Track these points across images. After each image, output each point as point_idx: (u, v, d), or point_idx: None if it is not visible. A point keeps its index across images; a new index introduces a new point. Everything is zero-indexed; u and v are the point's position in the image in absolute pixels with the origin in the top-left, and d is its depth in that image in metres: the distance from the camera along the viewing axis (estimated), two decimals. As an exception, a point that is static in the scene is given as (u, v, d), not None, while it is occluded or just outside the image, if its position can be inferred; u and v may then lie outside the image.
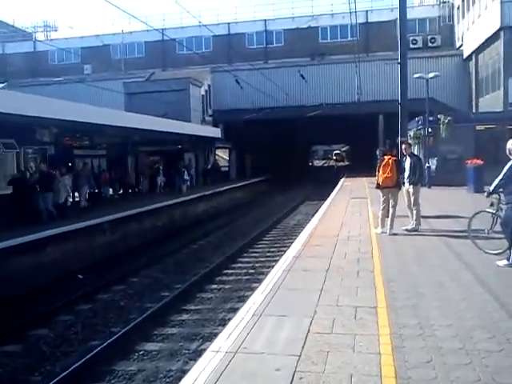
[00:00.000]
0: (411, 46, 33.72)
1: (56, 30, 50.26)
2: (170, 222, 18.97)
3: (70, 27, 71.87)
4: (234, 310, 7.48)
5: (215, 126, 33.63)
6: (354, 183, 26.39)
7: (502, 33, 24.62)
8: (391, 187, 10.37)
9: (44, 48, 41.56)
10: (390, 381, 3.73)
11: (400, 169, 10.51)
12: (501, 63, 24.83)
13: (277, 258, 10.62)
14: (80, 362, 6.74)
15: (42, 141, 16.41)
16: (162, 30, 37.76)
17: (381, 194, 10.67)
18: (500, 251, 7.53)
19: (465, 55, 32.45)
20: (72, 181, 17.03)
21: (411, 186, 10.63)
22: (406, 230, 10.39)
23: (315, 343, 4.51)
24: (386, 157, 10.50)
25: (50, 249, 12.02)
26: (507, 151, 7.24)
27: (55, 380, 6.29)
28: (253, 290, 7.67)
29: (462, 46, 33.52)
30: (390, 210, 10.31)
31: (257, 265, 12.61)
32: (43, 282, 10.88)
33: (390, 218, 10.22)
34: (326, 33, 41.24)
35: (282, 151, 48.34)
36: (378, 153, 13.63)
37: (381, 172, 10.39)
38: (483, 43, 27.69)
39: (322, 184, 34.66)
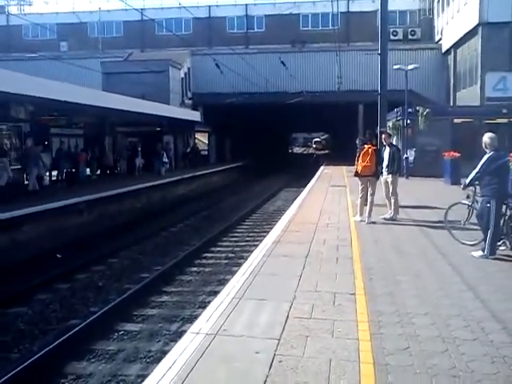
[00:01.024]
0: (391, 37, 33.87)
1: (30, 5, 48.74)
2: (149, 204, 18.80)
3: (45, 2, 69.59)
4: (214, 293, 7.47)
5: (194, 109, 33.32)
6: (333, 171, 26.57)
7: (480, 28, 24.90)
8: (370, 176, 10.48)
9: (18, 22, 40.24)
10: (367, 367, 3.79)
11: (379, 158, 10.62)
12: (478, 58, 25.14)
13: (256, 243, 10.64)
14: (59, 341, 6.66)
15: (17, 118, 15.97)
16: (142, 9, 37.09)
17: (359, 183, 10.77)
18: (475, 242, 7.70)
19: (444, 49, 32.77)
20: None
21: (390, 176, 10.78)
22: (384, 218, 10.54)
23: (294, 327, 4.55)
24: (365, 146, 10.59)
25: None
26: (483, 145, 7.38)
27: (34, 357, 6.21)
28: (232, 273, 7.67)
29: (441, 39, 33.83)
30: (369, 199, 10.42)
31: (236, 249, 12.61)
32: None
33: (368, 207, 10.34)
34: (308, 20, 41.14)
35: (261, 137, 48.33)
36: (357, 142, 13.75)
37: (360, 161, 10.48)
38: (462, 38, 27.98)
39: (302, 171, 34.82)
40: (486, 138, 7.31)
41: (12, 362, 6.41)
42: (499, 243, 7.36)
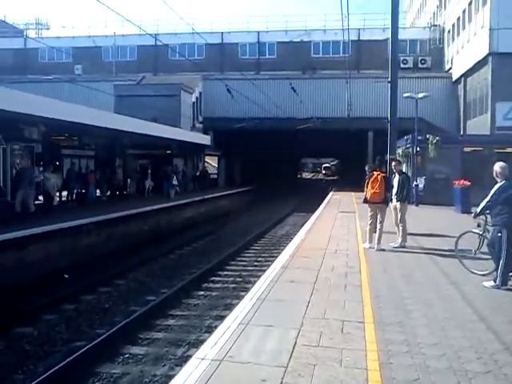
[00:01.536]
0: (402, 65, 34.16)
1: (48, 29, 49.95)
2: (158, 226, 18.81)
3: (62, 26, 71.47)
4: (221, 318, 7.40)
5: (205, 132, 33.61)
6: (342, 197, 26.51)
7: (490, 58, 25.11)
8: (379, 203, 10.44)
9: (35, 45, 41.17)
10: (377, 397, 3.70)
11: (388, 185, 10.59)
12: (488, 88, 25.27)
13: (264, 268, 10.56)
14: (64, 363, 6.60)
15: (30, 138, 16.19)
16: (156, 34, 37.75)
17: (369, 209, 10.72)
18: (486, 272, 7.58)
19: (454, 78, 32.99)
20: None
21: (399, 203, 10.75)
22: (394, 246, 10.44)
23: (302, 355, 4.46)
24: (375, 172, 10.58)
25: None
26: (494, 173, 7.34)
27: (38, 380, 6.15)
28: (239, 298, 7.61)
29: (451, 68, 34.09)
30: (378, 226, 10.36)
31: (244, 273, 12.53)
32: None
33: (377, 234, 10.26)
34: (319, 48, 41.64)
35: (271, 162, 48.48)
36: (366, 168, 13.72)
37: (369, 187, 10.46)
38: (472, 67, 28.20)
39: (311, 196, 34.75)
40: (497, 167, 7.27)
41: (16, 382, 6.34)
42: (511, 273, 7.23)
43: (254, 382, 3.92)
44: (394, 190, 10.84)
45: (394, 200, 10.85)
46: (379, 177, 10.37)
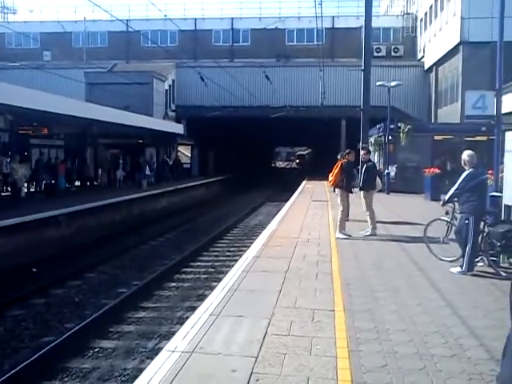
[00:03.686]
0: (375, 53, 34.37)
1: (14, 13, 48.52)
2: (130, 217, 18.59)
3: (29, 11, 69.51)
4: (193, 309, 7.35)
5: (178, 121, 33.26)
6: (315, 186, 26.65)
7: (461, 47, 25.44)
8: (340, 190, 10.58)
9: (1, 31, 39.88)
10: (346, 384, 3.74)
11: (345, 173, 10.53)
12: (459, 77, 25.64)
13: (237, 258, 10.55)
14: (31, 359, 6.47)
15: (-4, 127, 15.79)
16: (127, 20, 37.03)
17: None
18: (454, 258, 7.75)
19: (426, 67, 33.37)
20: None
21: (362, 192, 10.89)
22: (364, 234, 10.56)
23: (272, 345, 4.48)
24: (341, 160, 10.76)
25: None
26: (462, 162, 7.47)
27: (5, 377, 6.02)
28: (212, 288, 7.59)
29: (423, 57, 34.46)
30: (339, 214, 10.45)
31: (217, 264, 12.51)
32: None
33: (339, 221, 10.36)
34: (293, 35, 41.54)
35: (245, 151, 48.39)
36: (339, 157, 13.91)
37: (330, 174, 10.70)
38: (443, 56, 28.55)
39: (284, 185, 34.86)
40: (465, 155, 7.40)
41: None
42: (477, 259, 7.41)
43: (225, 373, 3.92)
44: (361, 179, 11.00)
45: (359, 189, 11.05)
46: (338, 164, 10.54)
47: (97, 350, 7.11)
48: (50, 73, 28.01)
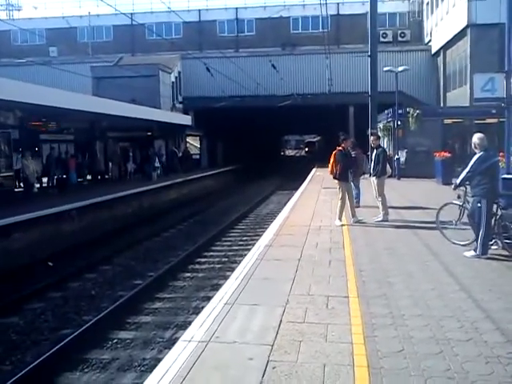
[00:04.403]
0: (381, 39, 34.02)
1: (19, 10, 48.47)
2: (141, 209, 18.70)
3: (34, 7, 69.57)
4: (208, 299, 7.40)
5: (185, 113, 33.25)
6: (325, 173, 26.39)
7: (468, 30, 25.06)
8: (337, 179, 10.32)
9: (6, 28, 39.94)
10: (362, 370, 3.76)
11: (338, 161, 10.20)
12: (467, 60, 25.29)
13: (249, 247, 10.58)
14: (52, 351, 6.56)
15: (6, 124, 15.84)
16: (131, 14, 36.95)
17: None
18: (467, 242, 7.71)
19: (433, 51, 32.95)
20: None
21: (374, 178, 10.80)
22: (376, 220, 10.53)
23: (288, 332, 4.51)
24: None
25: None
26: (473, 145, 7.41)
27: (26, 369, 6.11)
28: (226, 278, 7.63)
29: (430, 41, 34.03)
30: (339, 202, 10.31)
31: (229, 253, 12.55)
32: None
33: (338, 209, 10.27)
34: (298, 23, 41.19)
35: (253, 140, 48.28)
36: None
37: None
38: (451, 40, 28.15)
39: (294, 173, 34.77)
40: (476, 138, 7.33)
41: (4, 373, 6.31)
42: (491, 243, 7.37)
43: (241, 362, 3.95)
44: (372, 166, 10.89)
45: (371, 175, 10.94)
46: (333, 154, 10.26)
47: (115, 340, 7.19)
48: (57, 68, 28.07)
